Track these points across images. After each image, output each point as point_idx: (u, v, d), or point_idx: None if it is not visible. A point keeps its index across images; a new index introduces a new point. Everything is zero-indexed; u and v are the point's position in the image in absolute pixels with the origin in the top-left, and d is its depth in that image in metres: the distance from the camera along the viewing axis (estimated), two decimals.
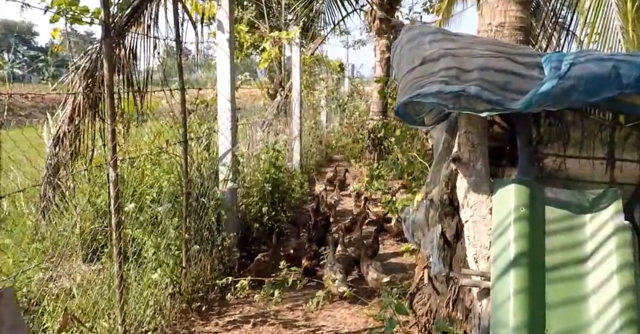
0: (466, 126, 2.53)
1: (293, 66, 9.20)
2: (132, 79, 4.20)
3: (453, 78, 2.14)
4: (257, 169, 6.35)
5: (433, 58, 2.27)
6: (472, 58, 2.20)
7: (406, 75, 2.30)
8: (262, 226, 5.82)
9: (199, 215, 4.49)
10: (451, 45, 2.33)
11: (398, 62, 2.53)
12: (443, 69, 2.18)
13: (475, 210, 2.38)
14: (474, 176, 2.42)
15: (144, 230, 3.73)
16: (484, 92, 2.07)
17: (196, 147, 4.91)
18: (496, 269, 2.09)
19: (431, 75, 2.18)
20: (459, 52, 2.26)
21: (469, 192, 2.43)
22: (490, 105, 2.12)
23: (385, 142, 9.95)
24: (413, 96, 2.17)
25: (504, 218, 2.15)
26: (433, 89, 2.13)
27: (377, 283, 4.43)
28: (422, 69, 2.26)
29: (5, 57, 34.79)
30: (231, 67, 4.86)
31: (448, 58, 2.23)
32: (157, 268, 3.71)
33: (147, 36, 3.94)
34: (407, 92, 2.21)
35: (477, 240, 2.33)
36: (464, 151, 2.50)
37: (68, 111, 4.06)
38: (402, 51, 2.52)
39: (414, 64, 2.31)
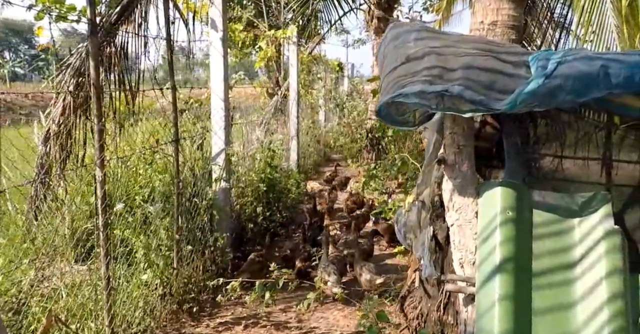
0: (452, 126, 2.47)
1: (290, 65, 9.15)
2: (123, 78, 4.15)
3: (436, 77, 2.07)
4: (252, 168, 6.30)
5: (417, 56, 2.19)
6: (457, 57, 2.12)
7: (389, 74, 2.23)
8: (257, 226, 5.78)
9: (191, 215, 4.45)
10: (436, 43, 2.25)
11: (382, 61, 2.47)
12: (426, 67, 2.12)
13: (460, 213, 2.31)
14: (459, 178, 2.37)
15: (134, 230, 3.69)
16: (467, 91, 2.00)
17: (189, 147, 4.87)
18: (481, 274, 2.03)
19: (414, 74, 2.11)
20: (444, 50, 2.19)
21: (454, 195, 2.36)
22: (474, 105, 2.06)
23: (383, 142, 9.91)
24: (394, 95, 2.10)
25: (490, 222, 2.08)
26: (415, 88, 2.06)
27: (371, 284, 4.39)
28: (405, 67, 2.19)
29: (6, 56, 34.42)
30: (225, 66, 4.82)
31: (432, 56, 2.16)
32: (147, 269, 3.67)
33: (138, 35, 3.89)
34: (389, 91, 2.14)
35: (462, 244, 2.27)
36: (450, 153, 2.45)
37: (58, 111, 4.01)
38: (386, 49, 2.45)
39: (397, 63, 2.24)
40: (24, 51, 62.45)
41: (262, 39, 7.42)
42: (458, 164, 2.37)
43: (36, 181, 4.27)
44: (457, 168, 2.38)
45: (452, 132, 2.46)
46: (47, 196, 4.29)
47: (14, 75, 42.19)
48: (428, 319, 2.89)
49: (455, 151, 2.43)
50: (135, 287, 3.61)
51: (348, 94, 16.18)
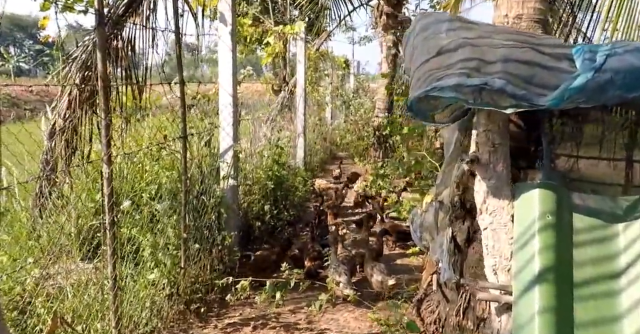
0: (486, 123, 2.31)
1: (298, 62, 9.03)
2: (130, 72, 4.05)
3: (473, 70, 1.93)
4: (259, 166, 6.20)
5: (450, 48, 2.06)
6: (494, 48, 1.99)
7: (420, 67, 2.09)
8: (264, 224, 5.68)
9: (198, 213, 4.35)
10: (470, 34, 2.13)
11: (411, 54, 2.32)
12: (462, 60, 1.98)
13: (495, 217, 2.19)
14: (494, 179, 2.23)
15: (141, 229, 3.59)
16: (509, 86, 1.87)
17: (197, 143, 4.76)
18: (519, 283, 1.91)
19: (448, 67, 1.98)
20: (479, 41, 2.06)
21: (488, 197, 2.23)
22: (515, 100, 1.91)
23: (391, 140, 9.79)
24: (429, 89, 1.95)
25: (528, 227, 1.96)
26: (451, 81, 1.92)
27: (382, 285, 4.29)
28: (439, 60, 2.05)
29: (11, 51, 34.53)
30: (233, 61, 4.72)
31: (467, 48, 2.03)
32: (155, 268, 3.58)
33: (146, 27, 3.79)
34: (421, 85, 2.00)
35: (496, 250, 2.14)
36: (483, 152, 2.30)
37: (64, 105, 3.92)
38: (415, 41, 2.31)
39: (429, 55, 2.09)
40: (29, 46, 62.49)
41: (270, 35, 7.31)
42: (492, 164, 2.24)
43: (41, 177, 4.19)
44: (492, 168, 2.24)
45: (487, 129, 2.31)
46: (52, 193, 4.20)
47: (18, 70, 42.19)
48: (446, 324, 2.78)
49: (490, 150, 2.29)
50: (142, 287, 3.52)
51: (354, 91, 16.05)
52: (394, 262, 5.58)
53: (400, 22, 9.97)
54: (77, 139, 4.15)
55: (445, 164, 2.68)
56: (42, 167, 4.15)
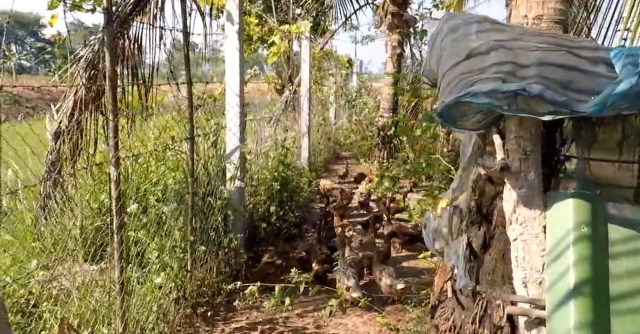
0: (517, 130, 2.22)
1: (302, 61, 8.96)
2: (137, 72, 3.98)
3: (508, 74, 1.84)
4: (265, 166, 6.14)
5: (482, 51, 1.97)
6: (528, 51, 1.91)
7: (450, 70, 2.01)
8: (270, 226, 5.62)
9: (205, 215, 4.28)
10: (501, 36, 2.04)
11: (438, 56, 2.23)
12: (495, 63, 1.90)
13: (526, 227, 2.11)
14: (525, 187, 2.15)
15: (148, 231, 3.53)
16: (548, 91, 1.78)
17: (203, 144, 4.70)
18: (553, 297, 1.83)
19: (481, 71, 1.90)
20: (512, 44, 1.97)
21: (518, 207, 2.15)
22: (554, 107, 1.82)
23: (395, 140, 9.72)
24: (461, 95, 1.87)
25: (562, 238, 1.87)
26: (486, 87, 1.83)
27: (391, 289, 4.23)
28: (470, 63, 1.97)
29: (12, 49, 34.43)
30: (240, 61, 4.65)
31: (500, 51, 1.94)
32: (161, 272, 3.51)
33: (153, 26, 3.72)
34: (452, 90, 1.92)
35: (527, 262, 2.06)
36: (514, 159, 2.22)
37: (70, 105, 3.85)
38: (443, 43, 2.21)
39: (458, 58, 2.01)
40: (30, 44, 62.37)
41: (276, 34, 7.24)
42: (524, 172, 2.15)
43: (46, 179, 4.13)
44: (523, 176, 2.15)
45: (518, 136, 2.22)
46: (56, 194, 4.14)
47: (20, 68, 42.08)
48: (462, 332, 2.72)
49: (521, 157, 2.20)
50: (149, 291, 3.46)
51: (357, 91, 15.98)
52: (401, 264, 5.52)
53: (405, 21, 9.89)
54: (83, 139, 4.08)
55: (462, 168, 2.61)
56: (47, 168, 4.08)
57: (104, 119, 3.93)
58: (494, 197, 2.66)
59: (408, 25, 10.11)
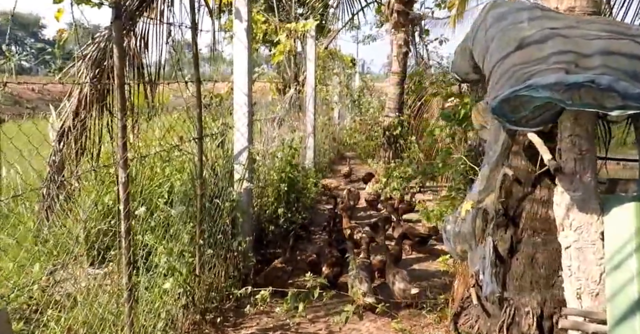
0: (572, 127, 2.03)
1: (307, 60, 8.84)
2: (142, 70, 3.86)
3: (571, 64, 1.66)
4: (272, 167, 6.01)
5: (536, 39, 1.78)
6: (588, 40, 1.74)
7: (500, 63, 1.82)
8: (278, 227, 5.49)
9: (213, 217, 4.16)
10: (556, 23, 1.86)
11: (484, 48, 2.02)
12: (554, 53, 1.72)
13: (581, 234, 1.95)
14: (580, 190, 1.98)
15: (155, 235, 3.40)
16: (620, 83, 1.59)
17: (210, 144, 4.57)
18: (615, 310, 1.69)
19: (539, 62, 1.72)
20: (569, 32, 1.80)
21: (572, 211, 1.99)
22: (624, 100, 1.64)
23: (401, 140, 9.59)
24: (519, 88, 1.67)
25: (622, 245, 1.73)
26: (549, 79, 1.64)
27: (405, 294, 4.11)
28: (524, 53, 1.78)
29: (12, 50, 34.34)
30: (249, 59, 4.53)
31: (557, 39, 1.75)
32: (170, 277, 3.39)
33: (161, 22, 3.60)
34: (505, 83, 1.74)
35: (582, 271, 1.91)
36: (568, 159, 2.04)
37: (74, 104, 3.73)
38: (488, 34, 2.00)
39: (510, 48, 1.82)
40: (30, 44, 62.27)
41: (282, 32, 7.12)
42: (579, 174, 1.98)
43: (50, 180, 4.01)
44: (578, 178, 1.99)
45: (573, 134, 2.03)
46: (59, 196, 4.01)
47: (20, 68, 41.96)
48: None
49: (577, 157, 2.02)
50: (157, 296, 3.33)
51: (360, 90, 15.86)
52: (412, 267, 5.40)
53: (411, 20, 9.76)
54: (87, 140, 3.96)
55: (489, 168, 2.48)
56: (50, 169, 3.97)
57: (110, 118, 3.82)
58: (521, 199, 2.54)
59: (414, 24, 9.98)
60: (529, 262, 2.48)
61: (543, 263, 2.44)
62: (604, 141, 3.22)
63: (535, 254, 2.47)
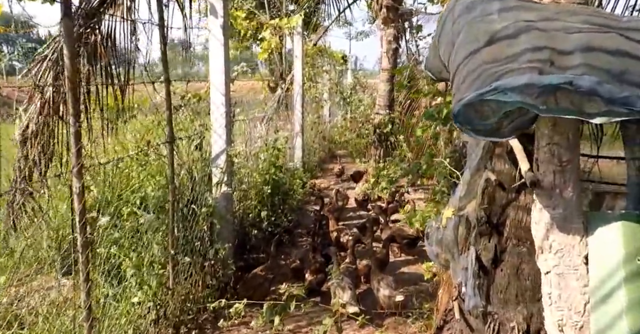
0: (550, 135, 1.77)
1: (295, 57, 8.64)
2: (111, 70, 3.66)
3: (546, 63, 1.41)
4: (255, 169, 5.82)
5: (509, 34, 1.53)
6: (568, 34, 1.50)
7: (467, 60, 1.57)
8: (261, 232, 5.31)
9: (189, 224, 3.96)
10: (531, 15, 1.60)
11: (449, 43, 1.77)
12: (528, 49, 1.46)
13: (562, 257, 1.73)
14: (560, 207, 1.72)
15: (121, 247, 3.21)
16: (604, 85, 1.35)
17: (186, 147, 4.37)
18: None
19: (510, 59, 1.46)
20: (546, 25, 1.55)
21: (552, 231, 1.74)
22: (608, 105, 1.39)
23: (392, 138, 9.39)
24: (485, 92, 1.42)
25: (610, 273, 1.50)
26: (520, 80, 1.39)
27: (390, 301, 3.93)
28: (493, 50, 1.53)
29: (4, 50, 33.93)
30: (225, 57, 4.32)
31: (532, 33, 1.51)
32: (139, 290, 3.19)
33: (126, 20, 3.40)
34: (471, 85, 1.49)
35: (564, 301, 1.69)
36: (547, 172, 1.80)
37: (37, 107, 3.52)
38: (455, 26, 1.75)
39: (478, 43, 1.57)
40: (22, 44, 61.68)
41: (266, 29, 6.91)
42: (559, 188, 1.75)
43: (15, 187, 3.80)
44: (558, 193, 1.75)
45: (552, 142, 1.77)
46: (26, 204, 3.81)
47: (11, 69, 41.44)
48: None
49: (556, 169, 1.76)
50: (125, 311, 3.13)
51: (352, 87, 15.65)
52: (401, 270, 5.23)
53: (401, 15, 9.54)
54: (54, 145, 3.76)
55: (470, 173, 2.30)
56: (15, 176, 3.76)
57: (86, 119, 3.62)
58: (505, 205, 2.36)
59: (404, 20, 9.76)
60: (514, 273, 2.31)
61: (529, 274, 2.27)
62: (596, 138, 3.04)
63: (521, 265, 2.29)
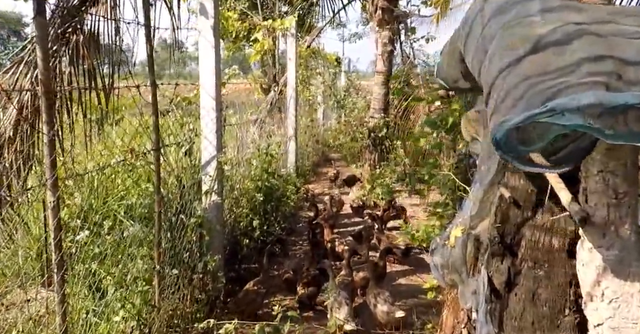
0: (604, 161, 1.46)
1: (288, 59, 8.43)
2: (94, 73, 3.44)
3: (612, 76, 1.13)
4: (247, 175, 5.60)
5: (557, 40, 1.24)
6: (630, 39, 1.22)
7: (507, 72, 1.27)
8: (253, 241, 5.10)
9: (177, 235, 3.74)
10: (581, 17, 1.31)
11: (481, 51, 1.46)
12: (585, 59, 1.17)
13: (618, 308, 1.48)
14: (616, 248, 1.45)
15: (102, 262, 2.99)
16: None
17: (175, 153, 4.15)
18: None
19: (564, 72, 1.17)
20: (600, 28, 1.26)
21: (605, 276, 1.48)
22: None
23: (387, 142, 9.22)
24: (539, 113, 1.12)
25: None
26: (584, 99, 1.09)
27: (388, 317, 3.74)
28: (539, 59, 1.23)
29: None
30: (217, 60, 4.11)
31: (586, 39, 1.22)
32: (121, 309, 2.97)
33: (110, 19, 3.18)
34: (516, 104, 1.19)
35: None
36: (598, 204, 1.52)
37: (14, 112, 3.29)
38: (486, 31, 1.45)
39: (518, 51, 1.27)
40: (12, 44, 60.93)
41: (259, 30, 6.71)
42: (614, 225, 1.48)
43: None
44: (613, 231, 1.48)
45: (606, 170, 1.48)
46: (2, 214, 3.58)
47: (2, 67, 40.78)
48: None
49: (611, 202, 1.49)
50: (106, 331, 2.91)
51: (345, 90, 15.46)
52: (398, 282, 5.04)
53: (396, 17, 9.39)
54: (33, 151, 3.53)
55: (483, 190, 2.12)
56: None
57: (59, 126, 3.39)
58: (520, 224, 2.17)
59: (399, 22, 9.61)
60: (530, 298, 2.12)
61: (546, 299, 2.08)
62: None
63: (538, 290, 2.10)
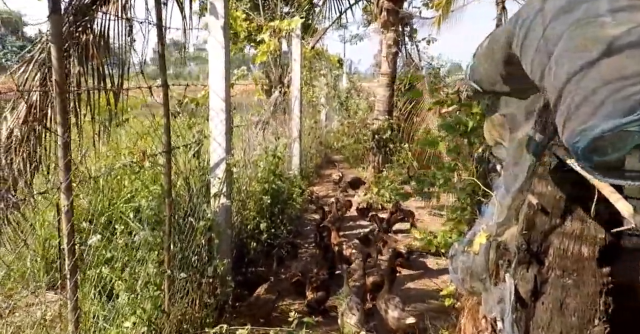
0: None
1: (293, 60, 8.37)
2: (103, 73, 3.37)
3: None
4: (254, 177, 5.54)
5: (633, 42, 1.17)
6: None
7: (580, 75, 1.20)
8: (260, 244, 5.03)
9: (186, 238, 3.68)
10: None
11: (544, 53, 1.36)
12: None
13: None
14: None
15: (113, 268, 2.92)
16: None
17: (184, 155, 4.09)
18: None
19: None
20: None
21: None
22: None
23: (391, 144, 9.16)
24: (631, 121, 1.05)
25: None
26: None
27: (399, 323, 3.68)
28: (617, 63, 1.16)
29: None
30: (226, 60, 4.05)
31: None
32: (132, 315, 2.91)
33: (121, 18, 3.12)
34: (596, 111, 1.12)
35: None
36: None
37: (22, 112, 3.22)
38: (550, 31, 1.35)
39: (590, 54, 1.19)
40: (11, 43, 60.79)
41: (265, 31, 6.66)
42: None
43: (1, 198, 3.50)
44: None
45: None
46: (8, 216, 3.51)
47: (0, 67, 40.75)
48: None
49: None
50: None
51: (347, 91, 15.42)
52: (406, 286, 4.98)
53: (401, 18, 9.33)
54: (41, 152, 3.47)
55: (511, 196, 2.06)
56: None
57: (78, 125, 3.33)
58: (548, 232, 2.12)
59: (404, 23, 9.55)
60: (558, 308, 2.07)
61: (575, 309, 2.03)
62: None
63: (566, 299, 2.05)
